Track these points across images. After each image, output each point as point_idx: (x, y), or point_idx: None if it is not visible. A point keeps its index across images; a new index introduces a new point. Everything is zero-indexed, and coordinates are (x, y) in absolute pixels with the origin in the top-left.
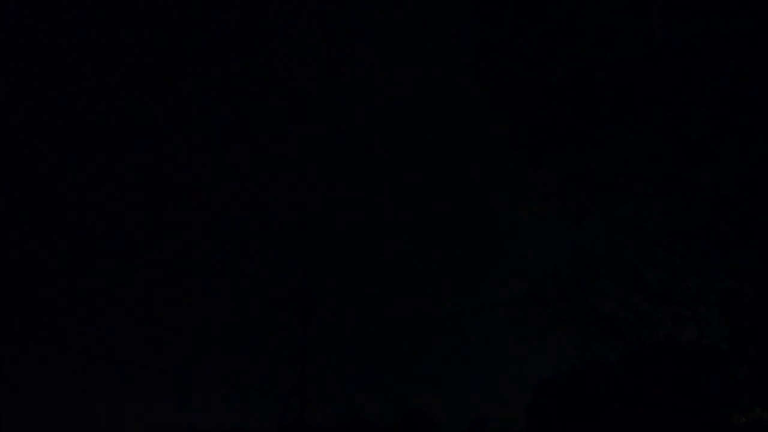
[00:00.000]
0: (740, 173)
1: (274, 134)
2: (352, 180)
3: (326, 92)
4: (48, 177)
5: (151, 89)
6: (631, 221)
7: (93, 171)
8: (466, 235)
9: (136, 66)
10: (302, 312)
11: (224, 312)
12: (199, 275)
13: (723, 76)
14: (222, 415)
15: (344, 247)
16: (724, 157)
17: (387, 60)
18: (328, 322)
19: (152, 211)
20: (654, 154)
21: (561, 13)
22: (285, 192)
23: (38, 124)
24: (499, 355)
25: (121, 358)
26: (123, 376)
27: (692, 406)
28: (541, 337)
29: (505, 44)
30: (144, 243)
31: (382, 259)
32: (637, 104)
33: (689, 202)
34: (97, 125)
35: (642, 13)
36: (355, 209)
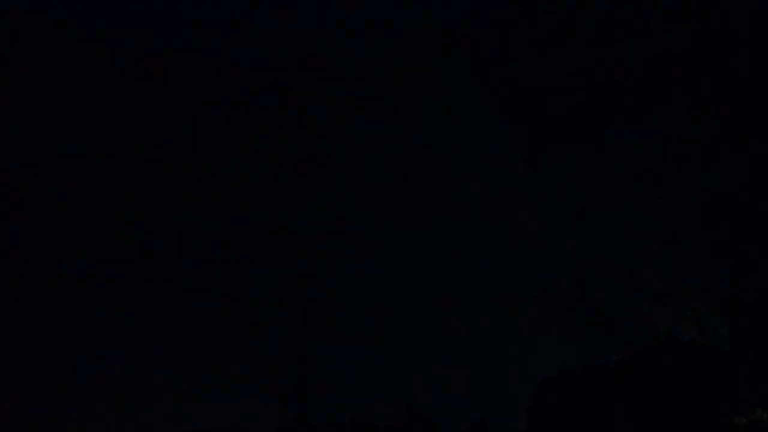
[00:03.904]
0: (741, 173)
1: (274, 135)
2: (352, 180)
3: (325, 91)
4: (43, 176)
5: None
6: (631, 221)
7: (86, 167)
8: (464, 235)
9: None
10: (302, 311)
11: (224, 311)
12: (199, 274)
13: (725, 76)
14: (222, 415)
15: (344, 248)
16: (724, 156)
17: (386, 60)
18: (328, 322)
19: (150, 208)
20: (654, 154)
21: (561, 13)
22: (286, 191)
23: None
24: (499, 355)
25: (119, 358)
26: (121, 375)
27: (692, 406)
28: (541, 337)
29: (504, 44)
30: (142, 241)
31: (382, 260)
32: (637, 104)
33: (689, 202)
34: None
35: (642, 13)
36: (354, 209)
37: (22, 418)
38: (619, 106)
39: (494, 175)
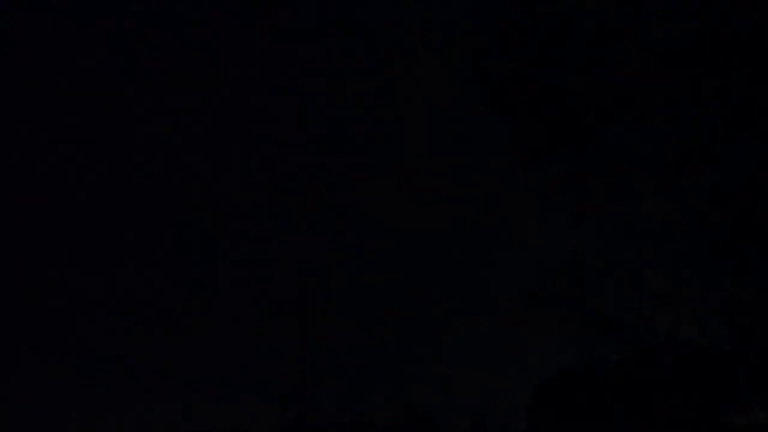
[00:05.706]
0: (741, 173)
1: (274, 135)
2: (352, 180)
3: (325, 90)
4: (40, 175)
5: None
6: (631, 221)
7: (82, 167)
8: (464, 234)
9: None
10: (302, 311)
11: (223, 311)
12: (197, 274)
13: (725, 75)
14: (222, 415)
15: (344, 248)
16: (724, 156)
17: (386, 60)
18: (328, 322)
19: (148, 208)
20: (654, 154)
21: (561, 13)
22: (286, 190)
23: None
24: (499, 355)
25: (118, 358)
26: (120, 375)
27: (692, 406)
28: (541, 337)
29: (504, 44)
30: (142, 240)
31: (381, 260)
32: (637, 104)
33: (689, 202)
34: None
35: (642, 13)
36: (355, 209)
37: (22, 418)
38: (619, 106)
39: (494, 175)
